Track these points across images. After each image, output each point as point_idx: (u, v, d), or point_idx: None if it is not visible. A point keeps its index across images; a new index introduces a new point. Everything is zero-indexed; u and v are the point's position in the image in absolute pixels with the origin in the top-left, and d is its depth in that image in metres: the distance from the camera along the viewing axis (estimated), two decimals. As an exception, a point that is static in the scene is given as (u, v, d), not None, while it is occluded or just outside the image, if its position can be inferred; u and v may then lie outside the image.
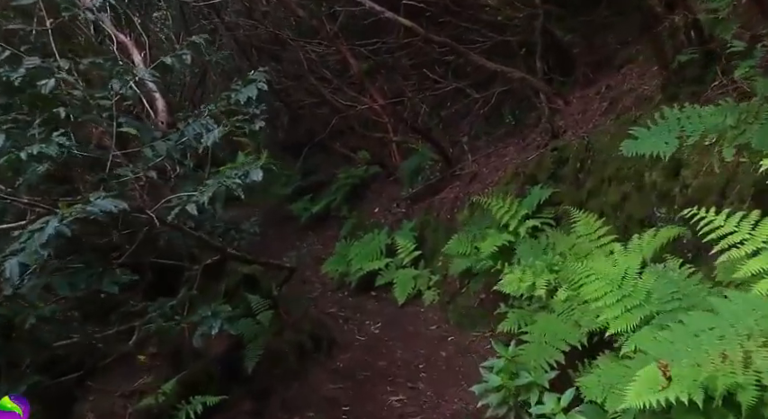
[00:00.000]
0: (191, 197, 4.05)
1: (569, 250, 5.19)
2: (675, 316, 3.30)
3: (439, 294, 8.00)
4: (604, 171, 5.75)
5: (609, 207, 5.59)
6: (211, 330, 4.14)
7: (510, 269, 5.74)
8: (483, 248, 6.46)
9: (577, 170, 6.19)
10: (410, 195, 9.86)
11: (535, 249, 5.89)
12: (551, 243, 5.77)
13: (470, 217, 7.94)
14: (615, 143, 5.69)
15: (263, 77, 4.67)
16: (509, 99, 9.50)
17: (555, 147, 6.53)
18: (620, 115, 6.17)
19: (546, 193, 6.43)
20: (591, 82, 7.90)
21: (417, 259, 8.61)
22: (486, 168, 8.52)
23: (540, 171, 6.73)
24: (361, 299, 9.06)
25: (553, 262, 5.20)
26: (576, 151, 6.24)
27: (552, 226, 6.37)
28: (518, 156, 7.84)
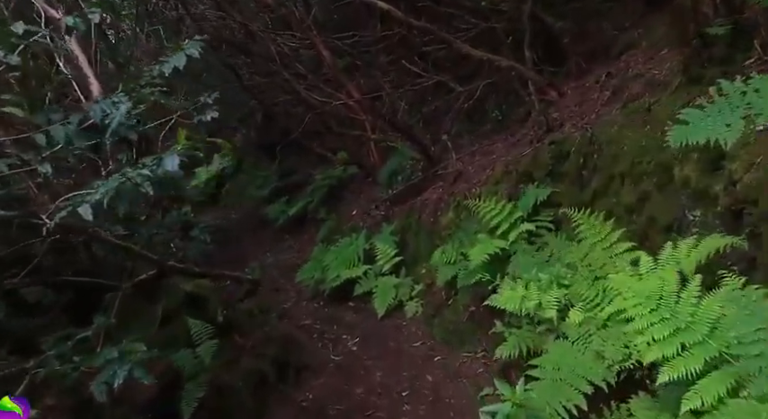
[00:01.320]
0: (86, 196, 2.87)
1: (580, 261, 4.09)
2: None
3: (423, 305, 6.88)
4: (614, 166, 4.67)
5: (621, 208, 4.51)
6: (114, 379, 2.96)
7: (508, 283, 4.63)
8: (472, 257, 5.35)
9: (580, 166, 5.11)
10: (390, 196, 8.73)
11: (536, 259, 4.79)
12: (555, 251, 4.67)
13: (456, 219, 6.83)
14: (625, 134, 4.63)
15: (197, 46, 3.50)
16: (494, 93, 8.41)
17: (553, 140, 5.45)
18: (627, 104, 5.10)
19: (543, 193, 5.34)
20: (585, 72, 6.84)
21: (398, 266, 7.47)
22: (472, 167, 7.42)
23: (536, 168, 5.64)
24: (337, 310, 7.90)
25: (561, 274, 4.09)
26: (577, 145, 5.16)
27: (551, 230, 5.29)
28: (507, 153, 6.75)
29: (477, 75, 8.42)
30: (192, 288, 4.24)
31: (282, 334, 6.02)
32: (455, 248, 6.11)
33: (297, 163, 12.69)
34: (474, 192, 6.67)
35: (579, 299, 3.89)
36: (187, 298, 4.26)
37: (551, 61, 7.17)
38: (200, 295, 4.30)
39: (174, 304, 4.18)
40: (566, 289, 4.01)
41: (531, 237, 5.35)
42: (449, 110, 9.41)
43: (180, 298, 4.22)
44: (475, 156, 7.82)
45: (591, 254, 4.06)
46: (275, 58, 9.17)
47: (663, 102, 4.57)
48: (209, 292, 4.42)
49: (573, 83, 6.65)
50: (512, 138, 7.17)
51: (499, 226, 5.52)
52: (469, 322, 5.93)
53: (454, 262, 6.07)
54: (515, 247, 5.32)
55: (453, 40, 6.71)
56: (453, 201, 6.96)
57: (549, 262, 4.53)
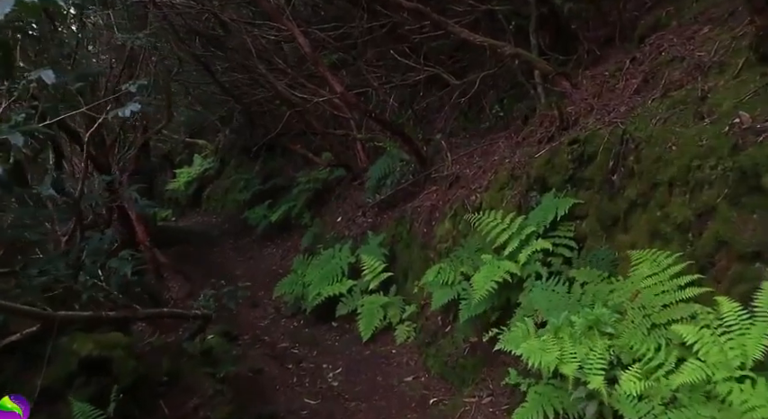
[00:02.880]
0: None
1: (631, 301, 2.89)
2: None
3: (415, 331, 5.68)
4: (659, 171, 3.48)
5: (671, 226, 3.32)
6: None
7: (522, 321, 3.44)
8: (476, 285, 4.15)
9: (609, 170, 3.92)
10: (377, 202, 7.51)
11: (559, 292, 3.59)
12: (587, 284, 3.47)
13: (453, 231, 5.64)
14: (672, 130, 3.43)
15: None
16: (494, 86, 7.22)
17: (574, 139, 4.25)
18: (667, 92, 3.91)
19: (564, 204, 4.14)
20: (600, 60, 5.64)
21: (387, 282, 6.27)
22: (470, 169, 6.21)
23: (552, 172, 4.44)
24: (319, 331, 6.69)
25: (602, 318, 2.89)
26: (606, 144, 3.96)
27: (572, 249, 4.09)
28: (512, 154, 5.54)
29: (474, 68, 7.22)
30: (92, 348, 2.96)
31: (245, 376, 4.77)
32: (453, 267, 4.91)
33: (281, 165, 11.47)
34: (474, 200, 5.47)
35: (631, 355, 2.69)
36: (85, 364, 2.97)
37: (560, 49, 5.96)
38: (106, 359, 3.01)
39: (63, 374, 2.91)
40: (609, 338, 2.81)
41: (547, 257, 4.15)
42: (442, 106, 8.21)
43: (72, 364, 2.95)
44: (473, 157, 6.62)
45: (643, 291, 2.86)
46: (251, 52, 7.91)
47: (723, 89, 3.38)
48: (121, 353, 3.12)
49: (587, 72, 5.45)
50: (516, 137, 5.97)
51: (507, 243, 4.32)
52: (471, 356, 4.74)
53: (452, 283, 4.86)
54: (528, 271, 4.12)
55: (448, 22, 5.49)
56: (450, 210, 5.76)
57: (581, 300, 3.32)
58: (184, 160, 13.78)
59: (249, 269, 9.66)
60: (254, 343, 6.45)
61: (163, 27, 7.82)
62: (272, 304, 7.82)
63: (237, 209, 11.65)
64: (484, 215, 4.68)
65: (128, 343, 3.17)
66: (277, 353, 6.26)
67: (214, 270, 9.73)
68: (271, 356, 5.96)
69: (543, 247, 4.14)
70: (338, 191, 9.25)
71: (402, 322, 5.82)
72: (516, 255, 4.23)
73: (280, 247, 10.04)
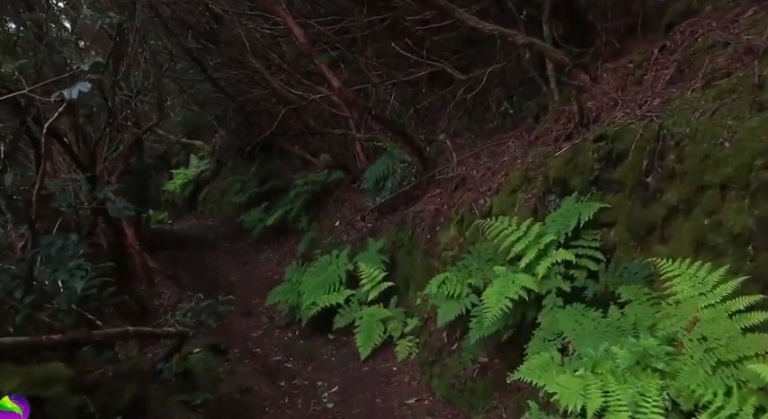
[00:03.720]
0: None
1: (687, 331, 2.29)
2: None
3: (418, 346, 5.09)
4: (707, 171, 2.89)
5: (726, 236, 2.72)
6: None
7: (544, 348, 2.85)
8: (489, 302, 3.55)
9: (644, 170, 3.32)
10: (377, 205, 6.92)
11: (591, 316, 2.99)
12: (629, 305, 2.87)
13: (459, 238, 5.04)
14: (723, 123, 2.85)
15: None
16: (502, 83, 6.64)
17: (600, 135, 3.65)
18: (711, 81, 3.32)
19: (589, 209, 3.54)
20: (620, 52, 5.04)
21: (388, 293, 5.67)
22: (477, 171, 5.62)
23: (574, 173, 3.84)
24: (314, 344, 6.09)
25: (650, 350, 2.29)
26: (639, 141, 3.36)
27: (599, 261, 3.49)
28: (524, 154, 4.96)
29: (480, 64, 6.63)
30: (19, 385, 2.37)
31: (230, 398, 4.18)
32: (461, 278, 4.32)
33: (278, 166, 10.87)
34: (483, 204, 4.88)
35: (692, 400, 2.10)
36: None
37: (575, 40, 5.37)
38: (37, 398, 2.44)
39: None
40: (662, 377, 2.21)
41: (570, 270, 3.56)
42: (445, 105, 7.62)
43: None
44: (479, 157, 6.03)
45: (702, 319, 2.26)
46: (245, 46, 7.33)
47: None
48: (60, 389, 2.55)
49: (607, 64, 4.86)
50: (527, 136, 5.38)
51: (523, 254, 3.72)
52: (481, 378, 4.14)
53: (459, 296, 4.27)
54: (548, 286, 3.53)
55: (456, 8, 4.89)
56: (456, 215, 5.17)
57: (620, 327, 2.72)
58: (181, 161, 13.21)
59: (244, 274, 9.06)
60: (244, 356, 5.86)
61: (151, 18, 7.23)
62: (267, 313, 7.23)
63: (234, 211, 11.06)
64: (495, 221, 4.08)
65: (70, 376, 2.57)
66: (269, 368, 5.66)
67: (208, 275, 9.15)
68: (262, 372, 5.37)
69: (565, 259, 3.54)
70: (336, 193, 8.66)
71: (404, 337, 5.23)
72: (534, 268, 3.63)
73: (276, 252, 9.45)
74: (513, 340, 3.91)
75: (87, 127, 7.44)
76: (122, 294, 7.33)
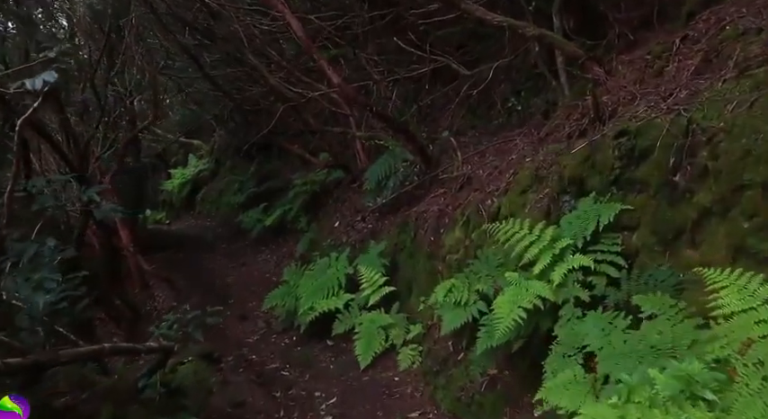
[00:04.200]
0: None
1: (741, 355, 1.95)
2: None
3: (421, 355, 4.75)
4: (748, 169, 2.55)
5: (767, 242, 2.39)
6: None
7: (572, 372, 2.51)
8: (500, 311, 3.22)
9: (671, 168, 2.98)
10: (378, 206, 6.59)
11: (620, 331, 2.64)
12: (659, 319, 2.52)
13: (465, 240, 4.70)
14: (762, 116, 2.49)
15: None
16: (507, 79, 6.29)
17: (622, 130, 3.30)
18: (745, 70, 2.98)
19: (609, 210, 3.20)
20: (635, 44, 4.70)
21: (389, 298, 5.33)
22: (483, 170, 5.28)
23: (593, 172, 3.50)
24: (312, 350, 5.75)
25: (697, 376, 1.94)
26: (666, 136, 3.02)
27: (621, 267, 3.15)
28: (534, 152, 4.62)
29: (485, 60, 6.28)
30: None
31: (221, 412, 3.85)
32: (468, 284, 3.98)
33: (277, 166, 10.53)
34: (490, 205, 4.54)
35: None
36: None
37: (587, 33, 5.02)
38: None
39: None
40: (711, 408, 1.87)
41: (588, 276, 3.22)
42: (448, 103, 7.28)
43: None
44: (485, 156, 5.70)
45: (757, 340, 1.92)
46: (243, 42, 6.99)
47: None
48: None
49: (622, 57, 4.51)
50: (536, 133, 5.04)
51: (537, 259, 3.38)
52: (490, 392, 3.80)
53: (466, 303, 3.93)
54: (565, 295, 3.19)
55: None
56: (461, 216, 4.83)
57: (647, 337, 2.37)
58: (180, 161, 12.88)
59: (241, 276, 8.73)
60: (238, 364, 5.53)
61: (147, 14, 6.90)
62: (264, 317, 6.89)
63: (232, 211, 10.72)
64: (505, 223, 3.74)
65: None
66: (265, 377, 5.33)
67: (204, 277, 8.82)
68: (256, 383, 5.02)
69: (582, 265, 3.20)
70: (336, 193, 8.32)
71: (406, 344, 4.89)
72: (548, 274, 3.29)
73: (275, 253, 9.11)
74: (524, 351, 3.58)
75: (79, 125, 7.12)
76: (112, 299, 7.02)
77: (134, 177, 9.97)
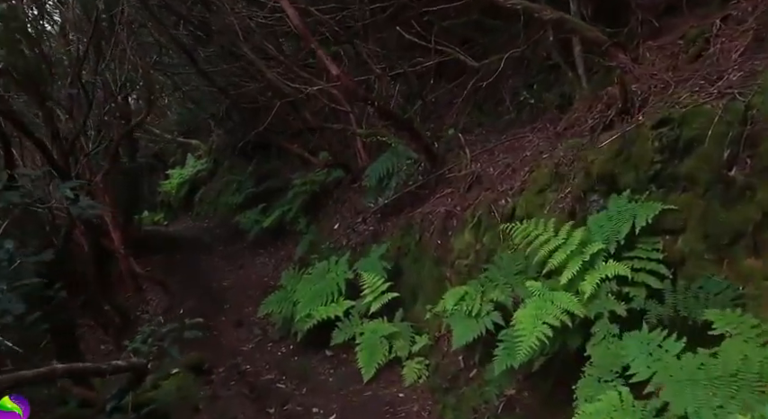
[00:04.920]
0: None
1: None
2: None
3: (428, 369, 4.24)
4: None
5: None
6: None
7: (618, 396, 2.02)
8: (522, 327, 2.72)
9: (725, 163, 2.49)
10: (380, 207, 6.09)
11: (672, 354, 2.15)
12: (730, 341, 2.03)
13: (476, 244, 4.21)
14: None
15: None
16: (516, 74, 5.81)
17: (663, 119, 2.81)
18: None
19: (648, 211, 2.71)
20: (660, 30, 4.20)
21: (392, 305, 4.83)
22: (494, 168, 4.79)
23: (627, 167, 3.00)
24: (310, 360, 5.25)
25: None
26: (718, 125, 2.53)
27: (663, 277, 2.65)
28: (551, 148, 4.13)
29: (493, 52, 5.79)
30: None
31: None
32: (481, 293, 3.49)
33: (276, 166, 10.03)
34: (504, 205, 4.05)
35: None
36: None
37: (606, 19, 4.52)
38: None
39: None
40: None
41: (623, 286, 2.72)
42: (452, 100, 6.80)
43: None
44: (494, 153, 5.20)
45: None
46: (239, 35, 6.49)
47: None
48: None
49: (650, 43, 4.02)
50: (552, 127, 4.56)
51: (564, 266, 2.88)
52: (508, 415, 3.30)
53: (479, 314, 3.44)
54: (598, 308, 2.69)
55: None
56: (471, 217, 4.34)
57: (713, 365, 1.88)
58: (178, 161, 12.39)
59: (238, 279, 8.24)
60: (230, 376, 5.03)
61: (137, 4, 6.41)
62: (260, 323, 6.39)
63: (230, 212, 10.22)
64: (525, 225, 3.25)
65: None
66: (259, 390, 4.83)
67: (200, 280, 8.32)
68: (249, 397, 4.53)
69: (617, 273, 2.71)
70: (336, 194, 7.82)
71: (411, 357, 4.38)
72: (577, 284, 2.80)
73: (273, 256, 8.61)
74: (546, 369, 3.09)
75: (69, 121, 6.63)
76: (101, 304, 6.54)
77: (129, 177, 9.49)
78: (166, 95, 10.71)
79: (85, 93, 6.24)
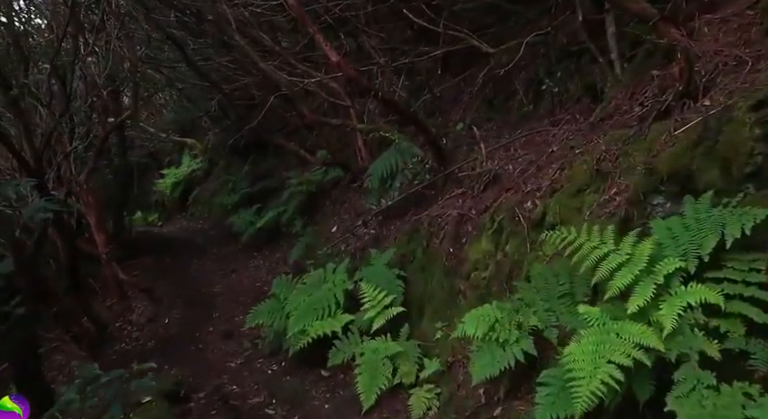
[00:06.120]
0: None
1: None
2: None
3: (439, 399, 3.46)
4: None
5: None
6: None
7: None
8: (578, 367, 1.96)
9: None
10: (382, 209, 5.31)
11: None
12: None
13: (497, 252, 3.44)
14: None
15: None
16: (533, 62, 5.03)
17: (766, 97, 2.06)
18: None
19: (743, 219, 1.95)
20: (711, 4, 3.45)
21: (397, 321, 4.04)
22: (513, 165, 4.03)
23: (708, 161, 2.24)
24: (304, 381, 4.47)
25: None
26: None
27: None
28: (586, 142, 3.36)
29: (508, 37, 5.03)
30: None
31: None
32: (511, 315, 2.71)
33: (272, 165, 9.23)
34: (531, 208, 3.28)
35: None
36: None
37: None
38: None
39: None
40: None
41: (710, 317, 1.96)
42: (460, 93, 6.04)
43: None
44: (510, 149, 4.44)
45: None
46: (231, 23, 5.70)
47: None
48: None
49: (708, 16, 3.26)
50: (582, 118, 3.80)
51: (631, 288, 2.11)
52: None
53: (506, 342, 2.68)
54: (680, 347, 1.93)
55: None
56: (490, 222, 3.56)
57: None
58: (175, 160, 11.60)
59: (230, 284, 7.44)
60: (212, 401, 4.23)
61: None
62: (250, 334, 5.59)
63: (225, 213, 9.40)
64: (566, 233, 2.48)
65: None
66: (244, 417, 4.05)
67: (190, 285, 7.52)
68: None
69: (705, 300, 1.94)
70: (335, 194, 7.04)
71: (419, 384, 3.60)
72: (651, 313, 2.03)
73: (267, 259, 7.82)
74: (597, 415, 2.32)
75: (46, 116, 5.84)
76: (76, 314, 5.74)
77: (120, 176, 8.69)
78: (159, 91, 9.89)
79: (62, 84, 5.45)
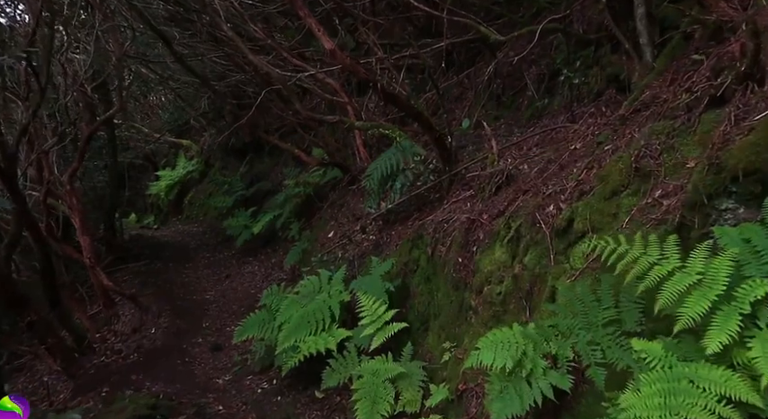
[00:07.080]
0: None
1: None
2: None
3: (449, 434, 2.93)
4: None
5: None
6: None
7: None
8: None
9: None
10: (382, 213, 4.78)
11: None
12: None
13: (514, 264, 2.91)
14: None
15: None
16: (547, 52, 4.51)
17: None
18: None
19: None
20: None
21: (399, 338, 3.52)
22: (529, 164, 3.51)
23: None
24: (296, 402, 3.94)
25: None
26: None
27: None
28: (617, 137, 2.84)
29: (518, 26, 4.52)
30: None
31: None
32: (539, 344, 2.18)
33: (269, 166, 8.71)
34: (555, 213, 2.75)
35: None
36: None
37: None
38: None
39: None
40: None
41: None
42: (464, 90, 5.52)
43: None
44: (523, 147, 3.93)
45: None
46: (218, 13, 5.18)
47: None
48: None
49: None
50: (609, 111, 3.28)
51: (708, 320, 1.58)
52: None
53: (531, 375, 2.15)
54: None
55: None
56: (506, 228, 3.03)
57: None
58: (171, 162, 11.06)
59: (223, 291, 6.91)
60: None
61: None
62: (241, 348, 5.07)
63: (220, 216, 8.89)
64: (620, 245, 1.94)
65: None
66: (228, 445, 3.52)
67: (180, 292, 6.98)
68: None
69: (809, 337, 1.41)
70: (332, 197, 6.51)
71: (423, 414, 3.07)
72: (735, 353, 1.50)
73: (262, 264, 7.30)
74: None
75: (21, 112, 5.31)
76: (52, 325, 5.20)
77: (111, 178, 8.16)
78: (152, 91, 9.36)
79: (36, 77, 4.92)
